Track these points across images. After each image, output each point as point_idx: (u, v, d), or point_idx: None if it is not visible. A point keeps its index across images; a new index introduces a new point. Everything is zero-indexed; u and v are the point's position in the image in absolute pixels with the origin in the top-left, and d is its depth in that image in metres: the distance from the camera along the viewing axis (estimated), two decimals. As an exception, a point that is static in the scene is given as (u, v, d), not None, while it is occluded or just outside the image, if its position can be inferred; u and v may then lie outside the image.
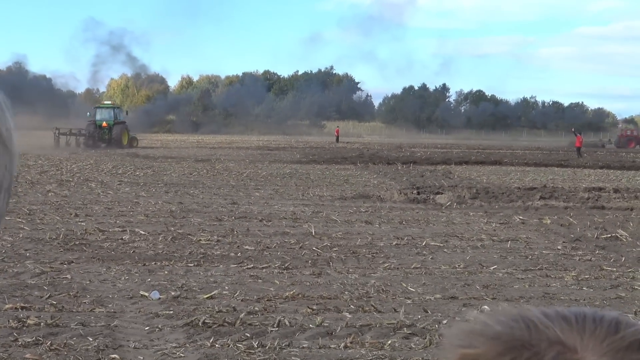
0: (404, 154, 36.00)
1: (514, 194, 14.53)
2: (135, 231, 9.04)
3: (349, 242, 8.66)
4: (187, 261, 7.33)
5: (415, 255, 8.00)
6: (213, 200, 12.93)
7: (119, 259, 7.42)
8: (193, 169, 21.29)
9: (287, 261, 7.43)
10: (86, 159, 25.19)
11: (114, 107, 41.81)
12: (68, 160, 24.01)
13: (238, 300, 5.83)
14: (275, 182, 17.31)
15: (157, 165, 22.55)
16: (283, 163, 25.88)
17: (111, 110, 40.71)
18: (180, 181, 16.85)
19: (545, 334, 0.53)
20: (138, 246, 8.10)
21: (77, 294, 5.92)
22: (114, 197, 13.06)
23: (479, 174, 21.94)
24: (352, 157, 30.01)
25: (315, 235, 9.11)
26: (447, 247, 8.53)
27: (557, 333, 0.53)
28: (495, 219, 11.12)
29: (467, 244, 8.74)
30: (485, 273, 7.13)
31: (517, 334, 0.53)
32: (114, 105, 42.16)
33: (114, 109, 41.30)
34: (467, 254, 8.13)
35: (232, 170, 21.09)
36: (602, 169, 26.11)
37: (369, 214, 11.47)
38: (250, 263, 7.31)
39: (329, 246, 8.35)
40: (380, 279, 6.75)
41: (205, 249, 8.04)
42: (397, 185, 16.91)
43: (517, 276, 7.02)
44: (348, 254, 7.92)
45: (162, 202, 12.25)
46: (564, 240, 9.26)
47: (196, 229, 9.37)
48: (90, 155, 28.04)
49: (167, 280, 6.49)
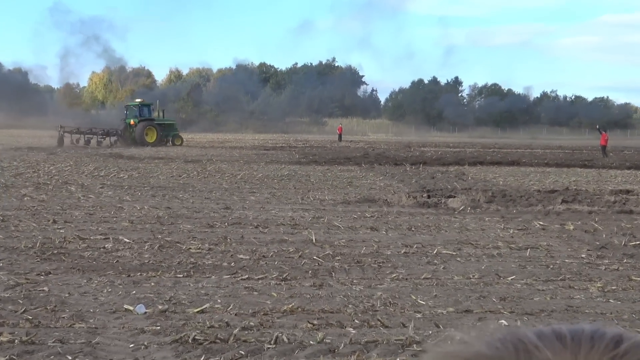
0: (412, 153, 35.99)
1: (534, 198, 14.52)
2: (119, 239, 9.04)
3: (353, 251, 8.65)
4: (176, 272, 7.32)
5: (425, 264, 7.99)
6: (204, 204, 12.92)
7: (101, 269, 7.41)
8: (182, 170, 21.31)
9: (285, 271, 7.41)
10: (65, 160, 25.21)
11: (141, 104, 43.76)
12: (46, 162, 24.02)
13: (231, 314, 5.82)
14: (272, 184, 17.31)
15: (142, 167, 22.56)
16: (281, 164, 25.89)
17: (139, 108, 43.07)
18: (168, 184, 16.85)
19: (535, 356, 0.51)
20: (122, 255, 8.10)
21: (55, 308, 5.91)
22: (96, 201, 13.05)
23: (495, 175, 21.93)
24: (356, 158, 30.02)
25: (316, 243, 9.10)
26: (460, 255, 8.52)
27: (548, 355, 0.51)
28: (513, 225, 11.10)
29: (482, 252, 8.73)
30: (502, 284, 7.11)
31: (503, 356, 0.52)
32: (141, 103, 43.96)
33: (140, 106, 43.40)
34: (482, 263, 8.12)
35: (225, 171, 21.10)
36: (629, 170, 26.10)
37: (375, 219, 11.46)
38: (244, 274, 7.30)
39: (331, 255, 8.34)
40: (387, 290, 6.73)
41: (196, 258, 8.03)
42: (406, 188, 16.90)
43: (538, 287, 7.00)
44: (352, 264, 7.91)
45: (149, 207, 12.25)
46: (589, 247, 9.24)
47: (186, 237, 9.37)
48: (70, 156, 28.07)
49: (154, 293, 6.48)
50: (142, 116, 42.63)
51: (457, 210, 12.81)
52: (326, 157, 30.84)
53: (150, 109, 43.76)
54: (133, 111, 43.24)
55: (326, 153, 35.21)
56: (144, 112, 43.08)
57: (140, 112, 42.81)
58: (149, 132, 42.02)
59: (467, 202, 13.78)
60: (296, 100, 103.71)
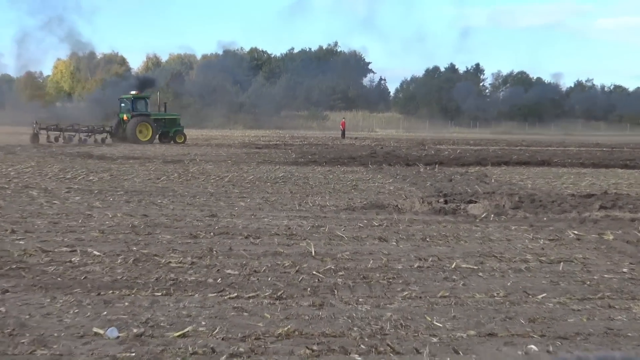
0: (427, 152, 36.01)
1: (567, 203, 14.51)
2: (88, 252, 9.03)
3: (359, 265, 8.65)
4: (154, 289, 7.31)
5: (442, 280, 7.99)
6: (186, 212, 12.93)
7: (67, 287, 7.40)
8: (161, 172, 21.33)
9: (280, 289, 7.41)
10: (26, 161, 25.22)
11: (135, 97, 44.26)
12: (3, 162, 24.03)
13: (218, 339, 5.81)
14: (265, 188, 17.33)
15: (115, 168, 22.59)
16: (275, 164, 25.93)
17: (131, 101, 43.76)
18: (145, 188, 16.87)
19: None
20: (91, 270, 8.09)
21: (13, 331, 5.90)
22: (61, 208, 13.05)
23: (523, 177, 21.95)
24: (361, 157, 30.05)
25: (315, 255, 9.10)
26: (482, 270, 8.52)
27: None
28: (543, 235, 11.10)
29: (508, 267, 8.72)
30: (531, 303, 7.10)
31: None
32: (135, 96, 44.45)
33: (133, 99, 43.99)
34: (508, 278, 8.12)
35: (210, 173, 21.13)
36: (678, 171, 26.11)
37: (384, 228, 11.47)
38: (233, 291, 7.29)
39: (333, 270, 8.34)
40: (398, 311, 6.72)
41: (177, 273, 8.03)
42: (419, 193, 16.90)
43: (572, 307, 6.99)
44: (357, 280, 7.90)
45: (122, 215, 12.27)
46: (631, 260, 9.23)
47: (165, 249, 9.37)
48: (31, 156, 28.09)
49: (128, 314, 6.47)
50: (136, 110, 43.08)
51: (479, 218, 12.82)
52: (327, 156, 30.87)
53: (146, 102, 44.26)
54: (126, 104, 43.74)
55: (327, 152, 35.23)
56: (139, 105, 43.52)
57: (134, 106, 43.22)
58: (142, 128, 42.55)
59: (490, 208, 13.78)
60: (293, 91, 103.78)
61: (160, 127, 44.02)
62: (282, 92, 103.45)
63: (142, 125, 42.55)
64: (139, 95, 44.92)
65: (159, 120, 44.01)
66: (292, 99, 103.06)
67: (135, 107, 43.28)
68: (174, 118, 45.38)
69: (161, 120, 44.32)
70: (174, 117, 45.51)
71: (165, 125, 44.32)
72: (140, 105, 43.66)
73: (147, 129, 42.63)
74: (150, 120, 43.08)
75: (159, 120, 44.06)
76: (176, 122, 45.01)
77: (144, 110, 43.55)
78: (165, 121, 44.51)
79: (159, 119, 44.16)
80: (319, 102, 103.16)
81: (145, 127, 42.62)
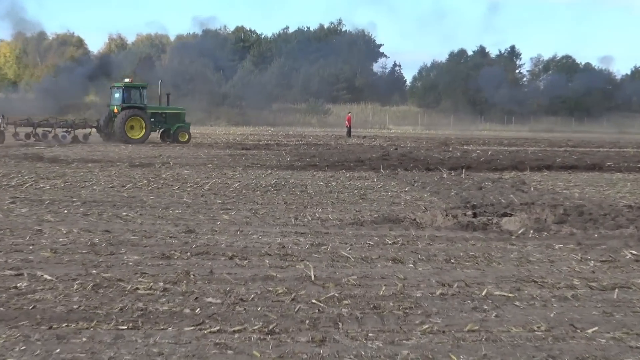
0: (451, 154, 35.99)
1: (623, 216, 14.49)
2: (37, 275, 9.01)
3: (368, 292, 8.63)
4: (118, 322, 7.30)
5: (470, 311, 7.97)
6: (158, 226, 12.92)
7: (11, 318, 7.38)
8: (127, 178, 21.32)
9: (272, 321, 7.39)
10: (-39, 164, 25.19)
11: (126, 86, 44.28)
12: None
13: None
14: (254, 198, 17.32)
15: (71, 174, 22.56)
16: (266, 169, 25.93)
17: (122, 91, 43.83)
18: (107, 197, 16.86)
19: None
20: (41, 299, 8.06)
21: (-54, 373, 5.89)
22: (4, 222, 13.04)
23: (568, 184, 21.94)
24: (372, 160, 30.04)
25: (315, 280, 9.08)
26: (520, 298, 8.50)
27: None
28: (594, 255, 11.08)
29: (550, 294, 8.70)
30: (579, 339, 7.09)
31: None
32: (126, 84, 44.47)
33: (124, 88, 43.97)
34: (551, 309, 8.10)
35: (187, 180, 21.12)
36: None
37: (399, 247, 11.45)
38: (214, 324, 7.28)
39: (337, 298, 8.32)
40: (416, 348, 6.71)
41: (146, 302, 8.00)
42: (442, 203, 16.89)
43: (630, 343, 6.98)
44: (366, 310, 7.89)
45: (79, 230, 12.24)
46: (702, 287, 9.21)
47: (131, 272, 9.34)
48: (-33, 158, 28.06)
49: (86, 352, 6.44)
50: (127, 102, 43.01)
51: (515, 235, 12.79)
52: (330, 159, 30.85)
53: (142, 93, 44.22)
54: (116, 95, 43.83)
55: (330, 153, 35.21)
56: (131, 96, 43.48)
57: (124, 97, 43.18)
58: (134, 123, 42.51)
59: (529, 222, 13.75)
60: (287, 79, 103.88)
61: (159, 122, 43.96)
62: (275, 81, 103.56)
63: (134, 120, 42.45)
64: (132, 83, 44.87)
65: (157, 115, 43.97)
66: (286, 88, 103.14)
67: (126, 97, 43.18)
68: (177, 112, 45.27)
69: (161, 114, 44.26)
70: (177, 111, 45.42)
71: (166, 121, 44.19)
72: (134, 96, 43.56)
73: (139, 124, 42.55)
74: (144, 114, 42.96)
75: (157, 114, 44.00)
76: (180, 118, 44.86)
77: (138, 101, 43.43)
78: (166, 116, 44.38)
79: (158, 113, 44.11)
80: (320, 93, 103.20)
81: (137, 122, 42.52)
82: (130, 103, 42.99)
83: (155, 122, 43.84)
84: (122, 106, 42.68)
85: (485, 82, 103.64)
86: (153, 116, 43.66)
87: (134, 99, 43.42)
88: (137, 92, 43.95)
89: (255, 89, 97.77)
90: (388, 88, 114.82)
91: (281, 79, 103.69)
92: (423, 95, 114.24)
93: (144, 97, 43.98)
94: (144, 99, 43.89)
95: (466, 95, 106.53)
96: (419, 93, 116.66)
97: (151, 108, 44.13)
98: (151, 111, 43.79)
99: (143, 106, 43.39)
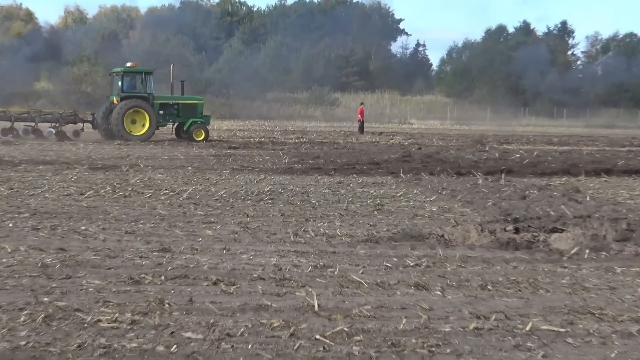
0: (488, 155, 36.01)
1: (700, 233, 14.44)
2: (-25, 304, 8.96)
3: (385, 325, 8.56)
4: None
5: (511, 349, 7.91)
6: (124, 244, 12.88)
7: (-58, 358, 7.33)
8: (87, 184, 21.32)
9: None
10: None
11: (125, 71, 44.23)
12: None
13: None
14: (244, 209, 17.31)
15: (17, 178, 22.57)
16: (259, 173, 25.99)
17: (122, 77, 43.94)
18: (62, 208, 16.84)
19: None
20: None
21: None
22: (-62, 238, 13.03)
23: (633, 193, 21.90)
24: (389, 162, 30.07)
25: (320, 311, 9.02)
26: (573, 334, 8.43)
27: None
28: (664, 280, 11.02)
29: (611, 329, 8.63)
30: (649, 386, 7.05)
31: None
32: (125, 69, 44.36)
33: (123, 73, 43.97)
34: (611, 347, 8.03)
35: (160, 186, 21.13)
36: None
37: (423, 270, 11.39)
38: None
39: (347, 333, 8.25)
40: (445, 398, 6.66)
41: (109, 338, 7.93)
42: (477, 216, 16.87)
43: None
44: (383, 348, 7.82)
45: (27, 249, 12.19)
46: None
47: (92, 301, 9.27)
48: None
49: (33, 402, 6.40)
50: (128, 90, 43.10)
51: (567, 255, 12.72)
52: (337, 161, 30.89)
53: (146, 80, 44.07)
54: (116, 83, 44.09)
55: (337, 154, 35.27)
56: (133, 83, 43.59)
57: (125, 84, 43.26)
58: (135, 116, 42.62)
59: (585, 240, 13.67)
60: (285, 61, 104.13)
61: (170, 116, 43.95)
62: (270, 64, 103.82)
63: (135, 112, 42.54)
64: (134, 68, 44.64)
65: (167, 106, 43.92)
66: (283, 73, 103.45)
67: (127, 85, 43.26)
68: (192, 103, 44.96)
69: (172, 106, 44.19)
70: (192, 102, 45.09)
71: (179, 114, 44.07)
72: (137, 83, 43.58)
73: (142, 117, 42.62)
74: (148, 105, 42.85)
75: (167, 105, 43.94)
76: (196, 110, 44.56)
77: (142, 90, 43.33)
78: (179, 107, 44.23)
79: (169, 104, 44.03)
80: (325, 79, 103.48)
81: (139, 115, 42.60)
82: (131, 92, 42.95)
83: (165, 114, 43.69)
84: (121, 96, 42.64)
85: (524, 65, 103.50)
86: (162, 108, 43.46)
87: (138, 87, 43.32)
88: (141, 78, 43.76)
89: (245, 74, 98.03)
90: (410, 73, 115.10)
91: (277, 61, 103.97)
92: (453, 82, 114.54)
93: (148, 85, 43.62)
94: (148, 87, 43.53)
95: (506, 83, 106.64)
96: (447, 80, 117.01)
97: (160, 98, 43.87)
98: (160, 102, 43.57)
99: (147, 95, 43.14)
